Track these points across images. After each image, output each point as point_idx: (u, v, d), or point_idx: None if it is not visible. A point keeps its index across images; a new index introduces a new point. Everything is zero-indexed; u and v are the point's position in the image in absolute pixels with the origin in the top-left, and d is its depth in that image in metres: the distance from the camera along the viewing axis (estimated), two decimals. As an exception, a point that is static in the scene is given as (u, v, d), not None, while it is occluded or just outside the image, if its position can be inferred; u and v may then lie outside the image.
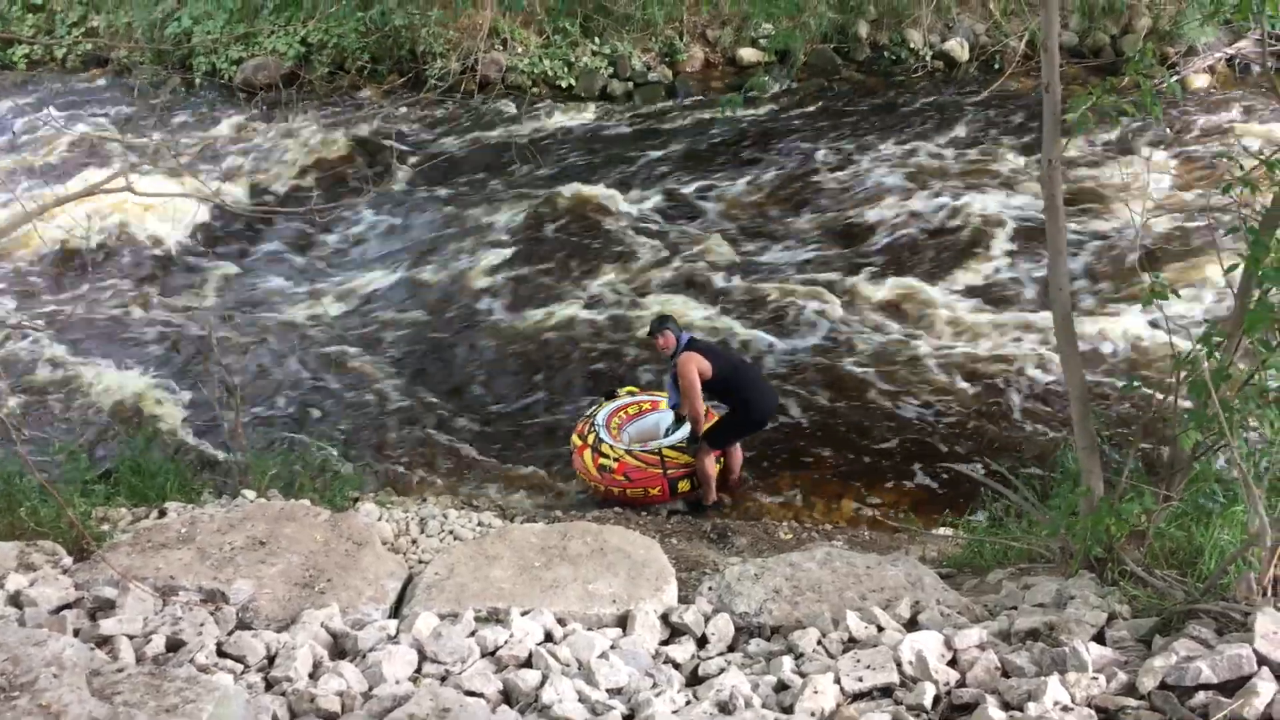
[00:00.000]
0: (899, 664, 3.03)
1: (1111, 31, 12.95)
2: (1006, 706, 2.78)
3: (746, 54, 13.08)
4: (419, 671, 3.14)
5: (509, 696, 3.01)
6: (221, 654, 3.19)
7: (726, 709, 2.88)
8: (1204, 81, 11.98)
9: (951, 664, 3.06)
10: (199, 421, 7.06)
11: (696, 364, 5.76)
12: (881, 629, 3.38)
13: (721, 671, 3.19)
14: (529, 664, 3.19)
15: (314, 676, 3.07)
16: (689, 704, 2.95)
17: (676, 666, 3.33)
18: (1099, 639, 3.14)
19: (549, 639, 3.39)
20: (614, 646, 3.35)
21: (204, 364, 7.58)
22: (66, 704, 2.44)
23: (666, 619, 3.62)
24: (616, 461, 5.93)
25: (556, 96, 12.62)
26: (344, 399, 7.41)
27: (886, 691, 3.00)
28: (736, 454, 6.22)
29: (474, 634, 3.35)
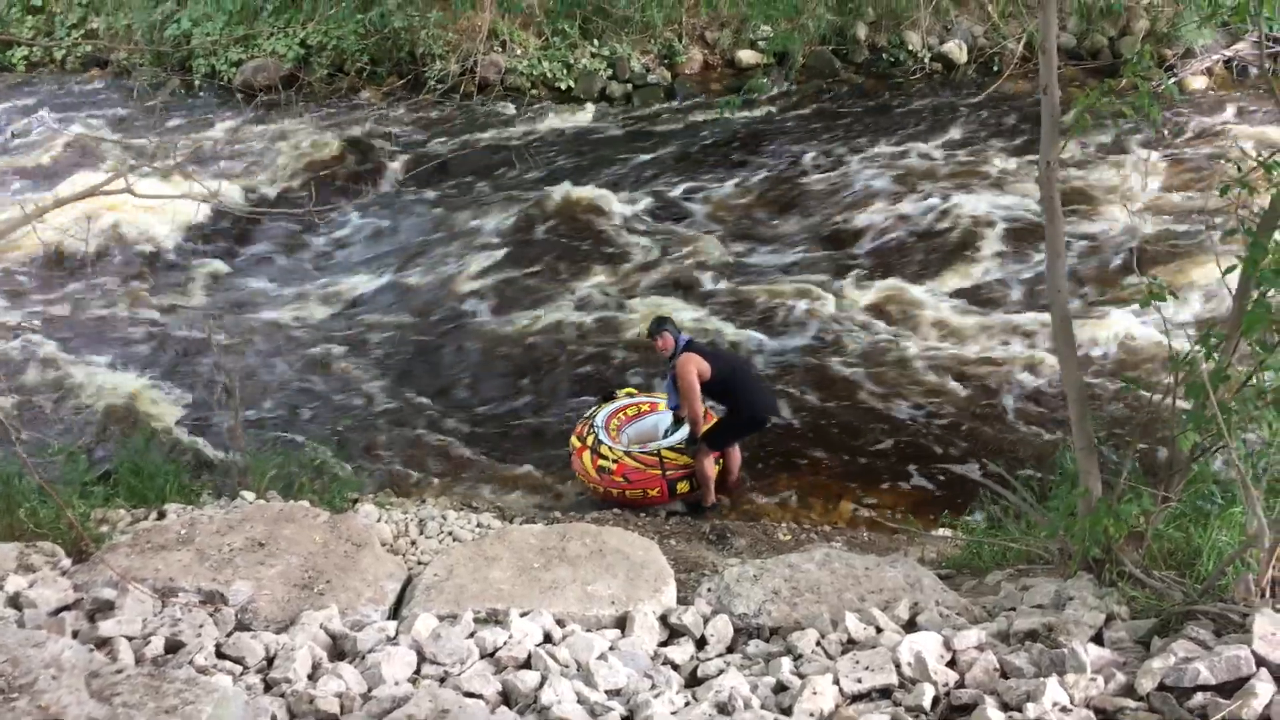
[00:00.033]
0: (898, 665, 3.04)
1: (1109, 33, 12.97)
2: (1005, 707, 2.79)
3: (745, 56, 13.11)
4: (418, 673, 3.14)
5: (508, 698, 3.01)
6: (220, 655, 3.20)
7: (725, 710, 2.88)
8: (1202, 83, 12.01)
9: (950, 665, 3.07)
10: (197, 423, 7.05)
11: (695, 365, 5.76)
12: (880, 630, 3.39)
13: (720, 673, 3.19)
14: (528, 665, 3.20)
15: (313, 678, 3.08)
16: (688, 705, 2.96)
17: (675, 668, 3.33)
18: (1097, 640, 3.14)
19: (548, 640, 3.40)
20: (613, 648, 3.35)
21: (202, 365, 7.58)
22: (65, 705, 2.44)
23: (665, 620, 3.62)
24: (615, 463, 5.93)
25: (555, 98, 12.63)
26: (343, 400, 7.39)
27: (885, 692, 3.00)
28: (735, 455, 6.22)
29: (473, 635, 3.35)
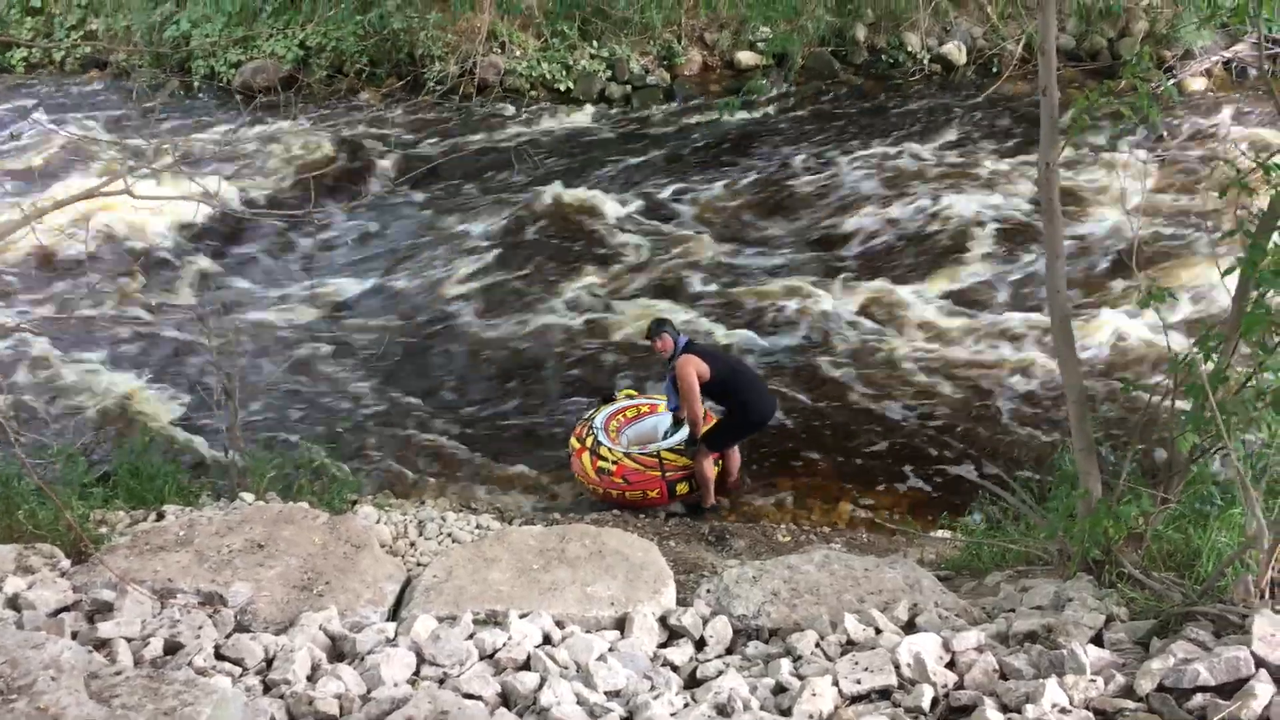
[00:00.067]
0: (897, 666, 3.04)
1: (1109, 35, 12.98)
2: (1004, 709, 2.79)
3: (744, 57, 13.10)
4: (417, 674, 3.14)
5: (507, 699, 3.01)
6: (220, 657, 3.19)
7: (724, 711, 2.88)
8: (1201, 85, 12.01)
9: (950, 666, 3.07)
10: (195, 424, 7.04)
11: (695, 366, 5.76)
12: (880, 631, 3.38)
13: (720, 674, 3.19)
14: (527, 666, 3.20)
15: (312, 679, 3.07)
16: (687, 706, 2.96)
17: (675, 669, 3.33)
18: (1097, 641, 3.14)
19: (547, 641, 3.39)
20: (612, 649, 3.35)
21: (199, 365, 7.57)
22: (64, 707, 2.44)
23: (665, 621, 3.62)
24: (615, 464, 5.93)
25: (555, 100, 12.62)
26: (341, 402, 7.39)
27: (885, 694, 3.00)
28: (735, 457, 6.22)
29: (472, 636, 3.35)
